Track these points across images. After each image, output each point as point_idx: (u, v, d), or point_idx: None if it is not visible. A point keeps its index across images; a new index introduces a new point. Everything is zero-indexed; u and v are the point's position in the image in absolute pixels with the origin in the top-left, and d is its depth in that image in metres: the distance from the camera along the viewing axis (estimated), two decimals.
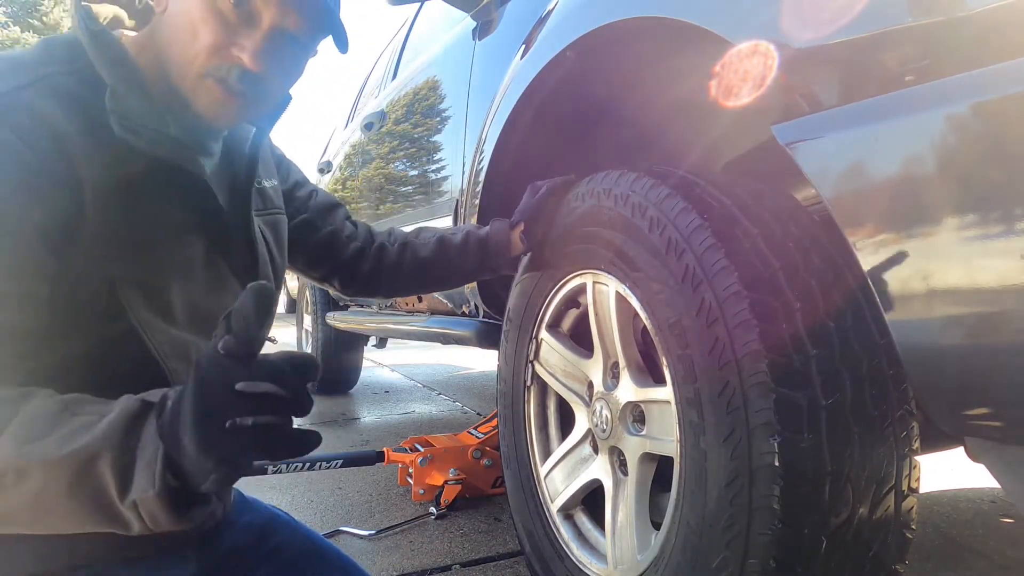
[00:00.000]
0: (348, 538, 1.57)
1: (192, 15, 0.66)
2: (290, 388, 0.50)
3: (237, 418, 0.48)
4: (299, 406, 0.51)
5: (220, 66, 0.67)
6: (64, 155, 0.61)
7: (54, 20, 15.87)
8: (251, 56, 0.67)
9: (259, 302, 0.48)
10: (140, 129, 0.65)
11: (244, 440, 0.49)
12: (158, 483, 0.50)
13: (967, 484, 1.88)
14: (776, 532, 0.67)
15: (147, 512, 0.51)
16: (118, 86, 0.65)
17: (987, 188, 0.50)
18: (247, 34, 0.67)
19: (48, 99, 0.62)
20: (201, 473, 0.49)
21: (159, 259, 0.69)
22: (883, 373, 0.72)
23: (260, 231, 0.84)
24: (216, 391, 0.49)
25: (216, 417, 0.48)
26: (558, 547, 1.11)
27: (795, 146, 0.64)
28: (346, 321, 2.93)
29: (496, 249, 1.14)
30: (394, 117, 2.28)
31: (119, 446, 0.51)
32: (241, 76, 0.67)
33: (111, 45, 0.67)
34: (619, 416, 0.98)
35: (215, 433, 0.48)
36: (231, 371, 0.49)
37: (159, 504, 0.50)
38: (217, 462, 0.48)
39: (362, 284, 1.14)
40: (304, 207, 1.05)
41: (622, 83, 1.16)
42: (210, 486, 0.49)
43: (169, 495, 0.50)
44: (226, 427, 0.48)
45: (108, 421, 0.52)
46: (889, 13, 0.55)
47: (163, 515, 0.51)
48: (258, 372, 0.49)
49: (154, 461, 0.50)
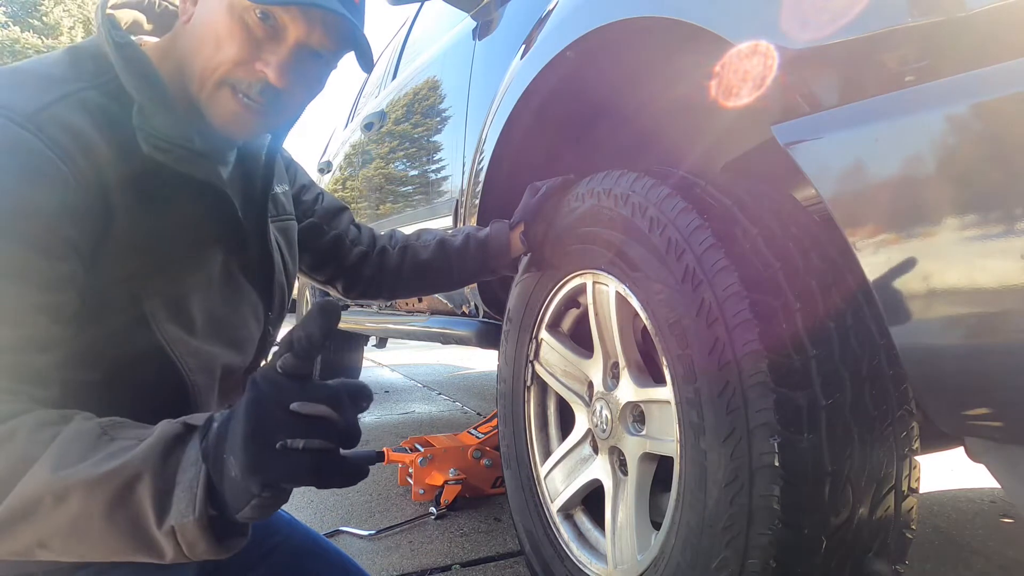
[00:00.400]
0: (348, 538, 1.57)
1: (218, 26, 0.66)
2: (345, 415, 0.49)
3: (289, 439, 0.46)
4: (349, 435, 0.50)
5: (243, 79, 0.67)
6: (95, 169, 0.61)
7: (54, 20, 15.88)
8: (276, 71, 0.67)
9: (325, 322, 0.47)
10: (166, 146, 0.65)
11: (293, 463, 0.47)
12: (199, 508, 0.48)
13: (967, 484, 1.88)
14: (776, 532, 0.67)
15: (185, 540, 0.49)
16: (145, 103, 0.65)
17: (987, 188, 0.50)
18: (272, 49, 0.67)
19: (78, 113, 0.62)
20: (243, 497, 0.47)
21: (182, 271, 0.69)
22: (883, 373, 0.72)
23: (274, 238, 0.84)
24: (270, 409, 0.47)
25: (268, 435, 0.46)
26: (558, 547, 1.11)
27: (795, 146, 0.64)
28: (346, 321, 2.93)
29: (496, 251, 1.14)
30: (394, 117, 2.28)
31: (158, 468, 0.49)
32: (263, 90, 0.68)
33: (138, 60, 0.67)
34: (619, 416, 0.98)
35: (265, 452, 0.46)
36: (287, 391, 0.48)
37: (198, 531, 0.49)
38: (263, 485, 0.46)
39: (364, 288, 1.15)
40: (311, 211, 1.05)
41: (622, 83, 1.16)
42: (249, 512, 0.47)
43: (210, 521, 0.49)
44: (276, 448, 0.46)
45: (148, 444, 0.50)
46: (889, 13, 0.55)
47: (202, 543, 0.49)
48: (314, 394, 0.48)
49: (195, 484, 0.48)
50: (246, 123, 0.70)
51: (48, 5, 15.89)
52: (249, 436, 0.47)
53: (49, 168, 0.58)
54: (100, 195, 0.61)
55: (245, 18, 0.66)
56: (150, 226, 0.65)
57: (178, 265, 0.69)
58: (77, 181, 0.59)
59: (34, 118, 0.58)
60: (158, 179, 0.66)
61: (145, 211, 0.65)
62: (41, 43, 15.16)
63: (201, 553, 0.50)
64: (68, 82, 0.64)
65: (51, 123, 0.59)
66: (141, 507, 0.49)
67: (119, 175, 0.63)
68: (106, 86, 0.66)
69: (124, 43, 0.67)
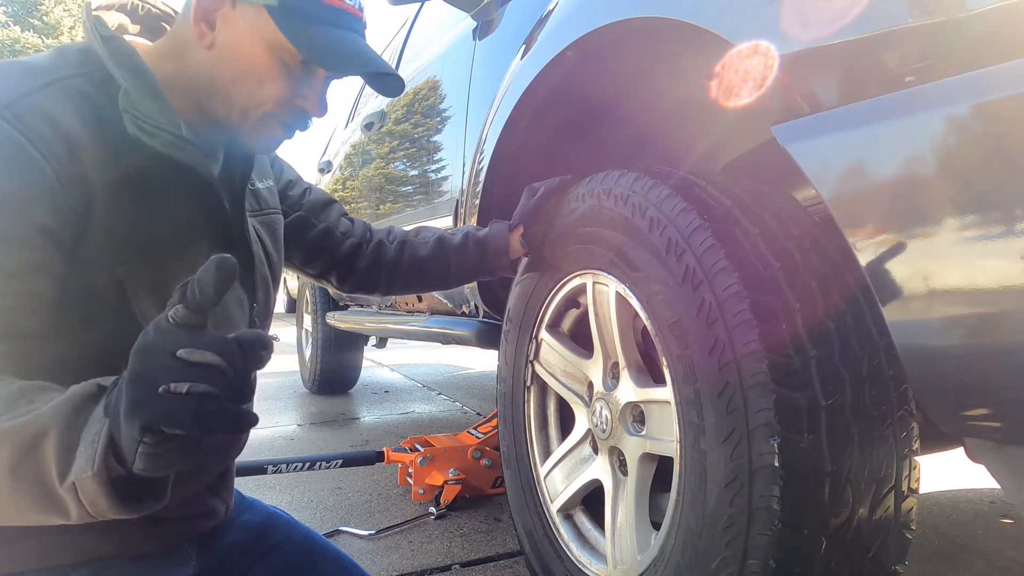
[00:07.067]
0: (348, 538, 1.57)
1: (257, 64, 0.71)
2: (234, 364, 0.48)
3: (173, 384, 0.45)
4: (240, 385, 0.48)
5: (285, 114, 0.74)
6: (74, 158, 0.61)
7: (54, 20, 15.87)
8: (315, 105, 0.76)
9: (220, 276, 0.46)
10: (153, 129, 0.66)
11: (173, 406, 0.45)
12: (98, 463, 0.47)
13: (967, 485, 1.88)
14: (776, 532, 0.67)
15: (86, 496, 0.49)
16: (131, 87, 0.66)
17: (987, 189, 0.50)
18: (310, 85, 0.75)
19: (60, 102, 0.62)
20: (129, 444, 0.46)
21: (166, 260, 0.69)
22: (883, 373, 0.72)
23: (255, 231, 0.84)
24: (156, 355, 0.46)
25: (151, 379, 0.46)
26: (558, 547, 1.11)
27: (795, 147, 0.64)
28: (346, 321, 2.93)
29: (495, 251, 1.14)
30: (394, 117, 2.28)
31: (65, 426, 0.49)
32: (298, 119, 0.76)
33: (124, 51, 0.68)
34: (619, 416, 0.98)
35: (146, 395, 0.45)
36: (175, 338, 0.47)
37: (98, 487, 0.48)
38: (143, 428, 0.45)
39: (359, 280, 1.15)
40: (298, 205, 1.06)
41: (622, 83, 1.16)
42: (140, 464, 0.46)
43: (109, 477, 0.48)
44: (159, 392, 0.45)
45: (58, 402, 0.50)
46: (889, 14, 0.55)
47: (103, 500, 0.49)
48: (202, 342, 0.47)
49: (97, 440, 0.48)
50: (279, 142, 0.77)
51: (48, 5, 15.88)
52: (131, 380, 0.46)
53: (23, 156, 0.58)
54: (80, 183, 0.61)
55: (286, 59, 0.71)
56: (135, 214, 0.66)
57: (162, 253, 0.69)
58: (54, 169, 0.59)
59: (12, 106, 0.59)
60: (143, 167, 0.66)
61: (130, 199, 0.65)
62: (41, 43, 15.17)
63: (104, 510, 0.50)
64: (51, 72, 0.64)
65: (29, 111, 0.60)
66: (45, 463, 0.49)
67: (102, 162, 0.63)
68: (92, 75, 0.66)
69: (110, 36, 0.68)
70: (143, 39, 0.79)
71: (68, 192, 0.60)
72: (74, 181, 0.61)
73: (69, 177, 0.61)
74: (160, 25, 0.81)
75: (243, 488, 0.94)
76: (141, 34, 0.79)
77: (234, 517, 0.88)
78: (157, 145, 0.66)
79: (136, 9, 0.79)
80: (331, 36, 0.72)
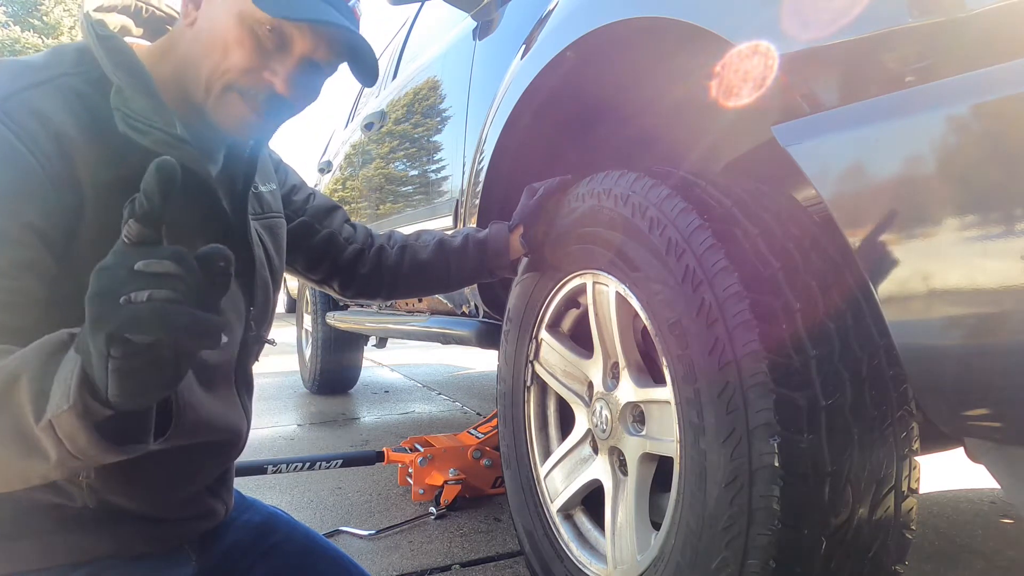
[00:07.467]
0: (348, 538, 1.57)
1: (226, 34, 0.68)
2: (192, 272, 0.47)
3: (133, 293, 0.45)
4: (200, 292, 0.47)
5: (250, 87, 0.69)
6: (65, 156, 0.61)
7: (54, 20, 15.87)
8: (282, 82, 0.70)
9: (161, 178, 0.45)
10: (144, 127, 0.65)
11: (135, 312, 0.45)
12: (73, 396, 0.47)
13: (967, 485, 1.88)
14: (776, 532, 0.67)
15: (64, 432, 0.48)
16: (124, 85, 0.65)
17: (987, 189, 0.50)
18: (279, 59, 0.70)
19: (52, 100, 0.62)
20: (99, 364, 0.46)
21: None
22: (883, 373, 0.72)
23: (257, 234, 0.84)
24: (114, 270, 0.46)
25: (110, 292, 0.45)
26: (558, 547, 1.11)
27: (795, 147, 0.64)
28: (346, 321, 2.93)
29: (495, 252, 1.14)
30: (394, 117, 2.28)
31: (37, 370, 0.49)
32: (268, 98, 0.71)
33: (120, 51, 0.68)
34: (619, 416, 0.98)
35: (107, 306, 0.45)
36: (132, 254, 0.46)
37: (75, 420, 0.48)
38: (108, 339, 0.45)
39: (361, 286, 1.15)
40: (302, 210, 1.05)
41: (622, 83, 1.16)
42: (115, 390, 0.46)
43: (87, 411, 0.48)
44: (119, 302, 0.45)
45: (29, 349, 0.51)
46: (889, 14, 0.55)
47: (82, 435, 0.48)
48: (159, 253, 0.46)
49: (70, 376, 0.47)
50: (247, 125, 0.72)
51: (48, 5, 15.88)
52: (91, 297, 0.46)
53: (12, 154, 0.58)
54: (71, 181, 0.61)
55: (255, 28, 0.68)
56: None
57: None
58: (44, 167, 0.59)
59: (3, 103, 0.59)
60: (137, 166, 0.66)
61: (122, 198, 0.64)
62: (41, 43, 15.16)
63: (84, 447, 0.49)
64: (45, 70, 0.64)
65: (19, 109, 0.60)
66: (21, 407, 0.49)
67: (95, 161, 0.63)
68: (86, 74, 0.66)
69: (107, 36, 0.68)
70: (145, 41, 0.78)
71: (58, 190, 0.60)
72: (65, 180, 0.61)
73: (60, 176, 0.60)
74: (164, 28, 0.80)
75: (243, 488, 0.94)
76: (145, 37, 0.79)
77: (234, 517, 0.88)
78: (148, 143, 0.65)
79: (140, 12, 0.78)
80: None
